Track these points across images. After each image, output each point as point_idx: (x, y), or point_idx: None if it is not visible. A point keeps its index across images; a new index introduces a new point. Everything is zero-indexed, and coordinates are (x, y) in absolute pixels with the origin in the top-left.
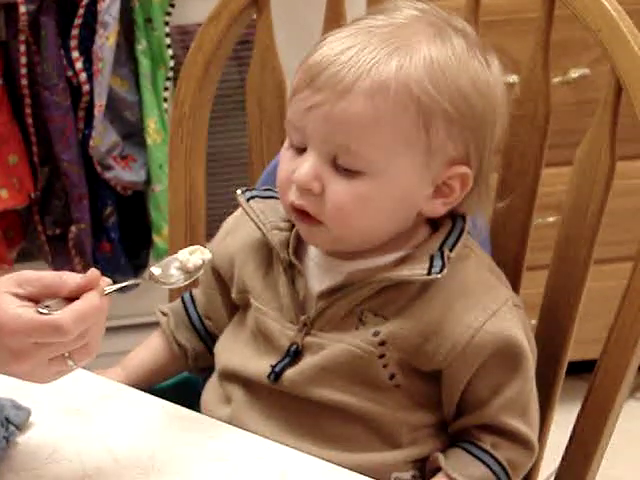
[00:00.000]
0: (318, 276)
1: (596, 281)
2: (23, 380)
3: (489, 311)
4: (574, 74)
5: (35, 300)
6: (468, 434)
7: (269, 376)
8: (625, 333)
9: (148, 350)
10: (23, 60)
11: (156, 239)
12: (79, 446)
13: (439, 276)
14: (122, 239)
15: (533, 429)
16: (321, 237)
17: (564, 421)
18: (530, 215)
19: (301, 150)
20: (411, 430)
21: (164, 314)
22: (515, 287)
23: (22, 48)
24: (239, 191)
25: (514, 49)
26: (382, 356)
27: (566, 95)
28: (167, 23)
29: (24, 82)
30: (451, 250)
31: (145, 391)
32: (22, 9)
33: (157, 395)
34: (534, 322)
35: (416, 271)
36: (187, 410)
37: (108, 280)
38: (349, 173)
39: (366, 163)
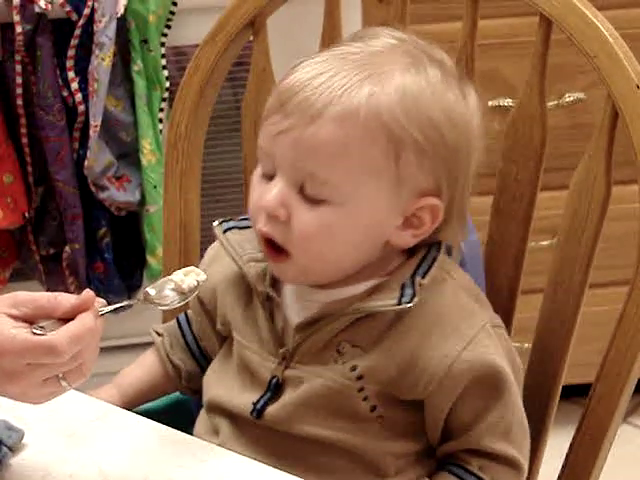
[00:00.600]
0: (295, 308)
1: (589, 305)
2: (16, 400)
3: (466, 338)
4: (569, 98)
5: (29, 321)
6: (455, 457)
7: (252, 413)
8: (619, 359)
9: (142, 369)
10: (19, 80)
11: (150, 260)
12: (72, 468)
13: (409, 305)
14: (116, 260)
15: (520, 449)
16: (289, 271)
17: (556, 444)
18: (525, 240)
19: (271, 177)
20: (396, 459)
21: (159, 334)
22: (510, 312)
23: (18, 68)
24: (216, 222)
25: (509, 72)
26: (361, 389)
27: (561, 119)
28: (163, 44)
29: (19, 102)
30: (424, 277)
31: (137, 412)
32: (18, 29)
33: (149, 415)
34: (527, 346)
35: (387, 301)
36: (180, 433)
37: (102, 301)
38: (316, 201)
39: (333, 191)
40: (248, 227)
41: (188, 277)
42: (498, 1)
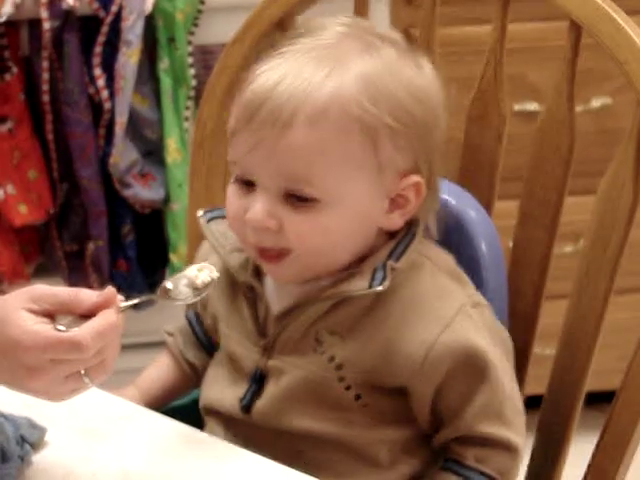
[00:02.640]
0: (275, 297)
1: (610, 311)
2: (38, 397)
3: (443, 322)
4: (596, 103)
5: (49, 316)
6: (451, 451)
7: (241, 410)
8: None
9: (159, 370)
10: (45, 76)
11: (173, 258)
12: (94, 467)
13: (380, 289)
14: (139, 257)
15: (513, 429)
16: (288, 271)
17: (578, 452)
18: (551, 245)
19: (247, 183)
20: (388, 448)
21: (170, 334)
22: (534, 317)
23: (45, 64)
24: (200, 212)
25: (535, 77)
26: (342, 379)
27: (587, 124)
28: (190, 42)
29: (46, 98)
30: (397, 260)
31: (159, 410)
32: (46, 25)
33: (172, 414)
34: (548, 352)
35: (357, 285)
36: (201, 433)
37: (121, 297)
38: (304, 205)
39: (319, 192)
40: None
41: (202, 273)
42: (527, 5)
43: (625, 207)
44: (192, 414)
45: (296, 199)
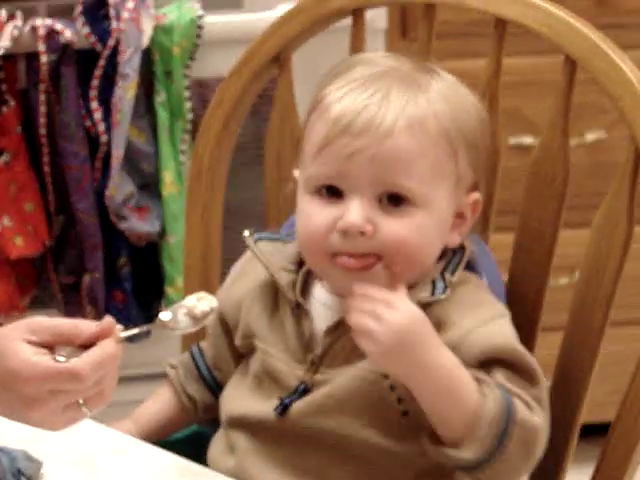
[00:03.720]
0: (324, 315)
1: (604, 344)
2: (36, 427)
3: (481, 318)
4: (590, 137)
5: (48, 347)
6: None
7: (276, 408)
8: (639, 399)
9: (158, 403)
10: (42, 109)
11: (169, 290)
12: None
13: (442, 297)
14: (135, 290)
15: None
16: (377, 280)
17: None
18: (546, 278)
19: (334, 197)
20: (415, 463)
21: (172, 367)
22: (530, 350)
23: (42, 97)
24: (246, 232)
25: (530, 110)
26: (393, 388)
27: (581, 157)
28: (187, 76)
29: (43, 131)
30: (453, 274)
31: (156, 444)
32: (43, 59)
33: (168, 447)
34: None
35: (420, 294)
36: (199, 466)
37: (120, 326)
38: (399, 209)
39: (415, 195)
40: (277, 240)
41: (201, 302)
42: (522, 39)
43: (619, 241)
44: (189, 447)
45: (391, 203)
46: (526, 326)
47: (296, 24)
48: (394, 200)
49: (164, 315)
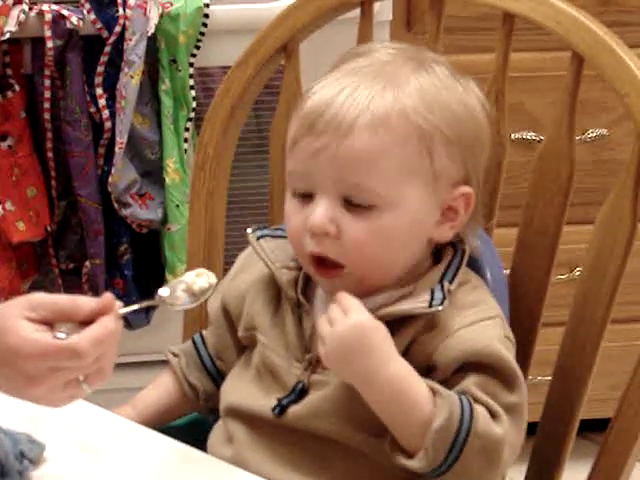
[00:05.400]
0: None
1: (604, 340)
2: (36, 404)
3: (468, 320)
4: (592, 134)
5: (48, 324)
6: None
7: (274, 409)
8: (638, 397)
9: (159, 390)
10: (47, 94)
11: (169, 278)
12: None
13: (440, 308)
14: (135, 277)
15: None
16: (344, 285)
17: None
18: (548, 273)
19: (307, 197)
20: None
21: (175, 355)
22: (530, 345)
23: (47, 83)
24: (249, 230)
25: (533, 106)
26: None
27: (583, 154)
28: (192, 64)
29: (47, 116)
30: (451, 282)
31: (155, 430)
32: (49, 44)
33: (168, 434)
34: (539, 379)
35: (417, 304)
36: (199, 452)
37: (119, 303)
38: (363, 210)
39: (379, 197)
40: (281, 237)
41: (199, 278)
42: (529, 35)
43: (623, 238)
44: (188, 435)
45: (355, 205)
46: (527, 321)
47: (304, 14)
48: (356, 203)
49: (163, 291)
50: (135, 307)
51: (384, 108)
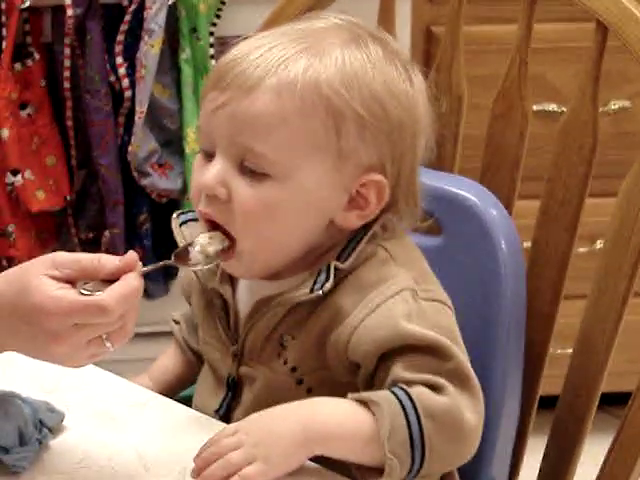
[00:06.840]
0: (245, 302)
1: (626, 314)
2: (58, 363)
3: (373, 304)
4: (614, 106)
5: (71, 282)
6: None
7: (218, 411)
8: None
9: (168, 359)
10: (67, 63)
11: None
12: (110, 452)
13: (319, 293)
14: (154, 246)
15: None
16: (238, 263)
17: (590, 454)
18: (570, 245)
19: (210, 155)
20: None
21: (176, 322)
22: (552, 316)
23: (67, 51)
24: (174, 215)
25: (555, 77)
26: (300, 382)
27: (605, 126)
28: (212, 33)
29: (67, 85)
30: (345, 260)
31: (176, 398)
32: (69, 12)
33: (187, 403)
34: (560, 351)
35: (300, 290)
36: (217, 421)
37: (140, 263)
38: (256, 177)
39: (272, 165)
40: None
41: (213, 240)
42: (553, 5)
43: None
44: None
45: (250, 171)
46: (549, 293)
47: None
48: (251, 169)
49: (179, 250)
50: (159, 265)
51: (294, 73)
